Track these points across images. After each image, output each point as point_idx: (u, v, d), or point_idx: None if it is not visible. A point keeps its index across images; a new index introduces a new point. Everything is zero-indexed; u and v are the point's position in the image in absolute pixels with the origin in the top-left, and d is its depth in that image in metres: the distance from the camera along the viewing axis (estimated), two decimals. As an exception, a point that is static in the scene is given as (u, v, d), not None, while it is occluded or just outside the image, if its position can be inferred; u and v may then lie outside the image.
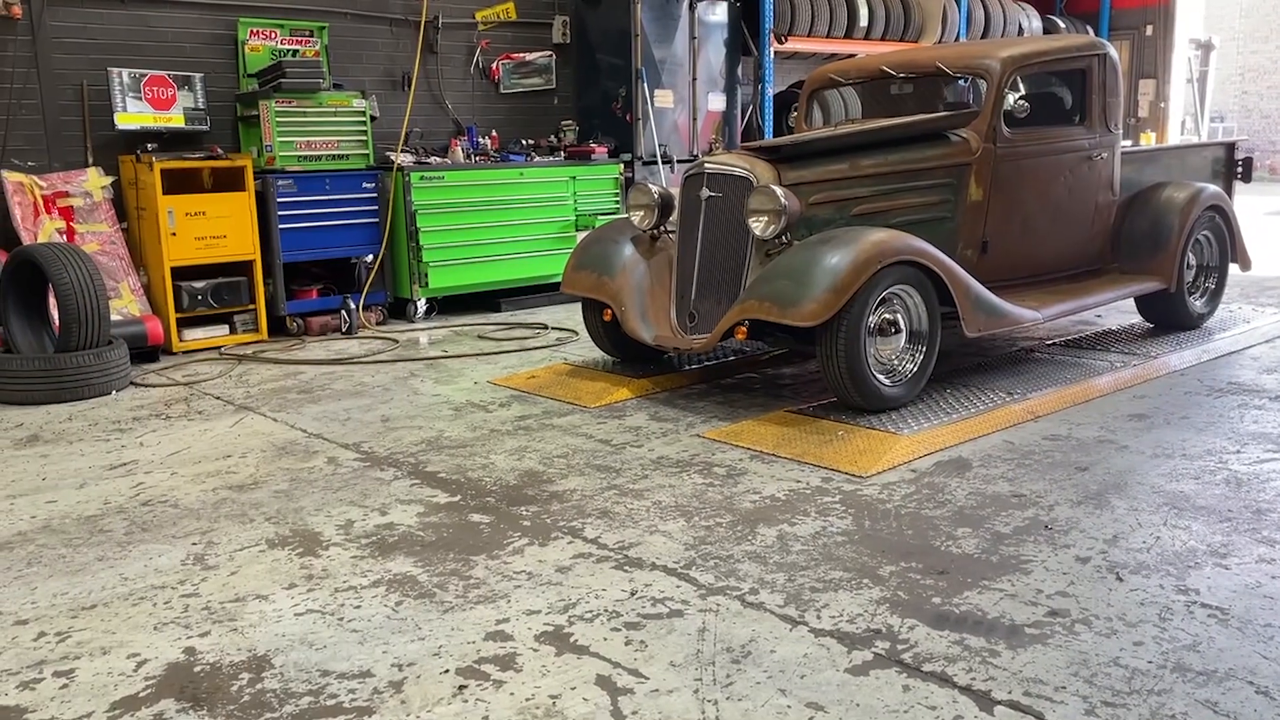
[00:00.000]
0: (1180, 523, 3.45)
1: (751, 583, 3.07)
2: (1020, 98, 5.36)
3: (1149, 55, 13.19)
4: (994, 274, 5.46)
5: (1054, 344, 6.20)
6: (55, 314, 5.72)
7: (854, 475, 3.99)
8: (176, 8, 7.22)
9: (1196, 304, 6.43)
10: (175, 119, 6.95)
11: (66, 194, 6.70)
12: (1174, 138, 13.18)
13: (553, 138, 8.95)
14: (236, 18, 7.40)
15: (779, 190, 4.61)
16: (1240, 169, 7.00)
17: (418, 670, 2.63)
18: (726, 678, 2.54)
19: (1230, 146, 7.11)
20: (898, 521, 3.53)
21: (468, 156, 8.12)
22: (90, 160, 6.92)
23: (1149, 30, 13.14)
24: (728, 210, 4.91)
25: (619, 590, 3.05)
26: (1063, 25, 12.50)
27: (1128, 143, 12.36)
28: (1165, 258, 6.03)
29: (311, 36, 7.68)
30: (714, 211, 4.98)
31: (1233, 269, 6.67)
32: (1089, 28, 12.86)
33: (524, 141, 8.76)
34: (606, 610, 2.93)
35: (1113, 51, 5.92)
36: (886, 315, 4.66)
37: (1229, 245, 6.54)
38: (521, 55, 9.00)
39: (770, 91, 9.74)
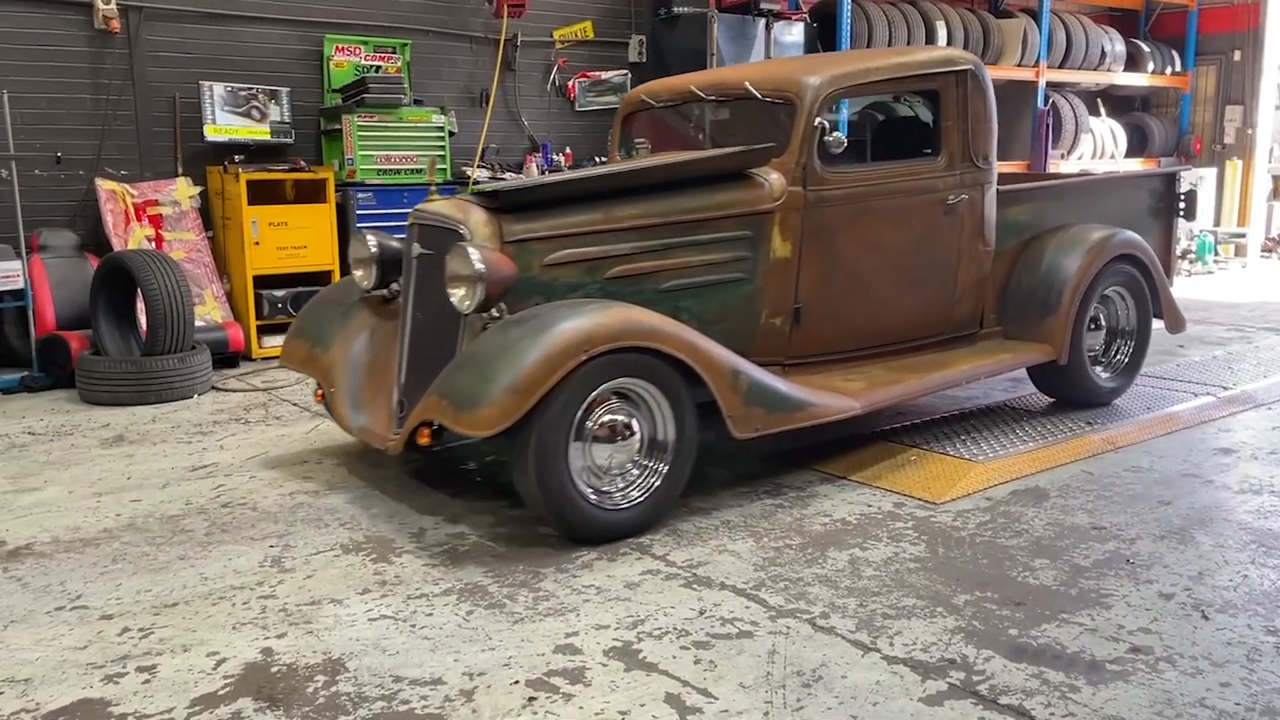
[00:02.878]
0: (1269, 561, 3.33)
1: (822, 606, 3.04)
2: (835, 131, 4.29)
3: (1236, 81, 12.86)
4: (813, 347, 4.44)
5: (1134, 374, 6.06)
6: (142, 318, 5.89)
7: (927, 501, 3.93)
8: (266, 24, 7.43)
9: (1101, 376, 5.24)
10: (262, 131, 7.14)
11: (156, 202, 6.91)
12: (1261, 165, 12.83)
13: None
14: (323, 34, 7.59)
15: (475, 253, 3.61)
16: (1183, 204, 5.86)
17: (488, 680, 2.64)
18: (797, 701, 2.52)
19: (1170, 178, 5.90)
20: (972, 550, 3.46)
21: (542, 173, 8.20)
22: (179, 170, 7.13)
23: (1237, 55, 12.82)
24: (441, 272, 3.83)
25: (688, 609, 3.04)
26: (1147, 49, 12.26)
27: (1193, 170, 12.07)
28: (1054, 321, 4.89)
29: (394, 53, 7.84)
30: (426, 273, 4.04)
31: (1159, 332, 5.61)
32: (1175, 53, 12.59)
33: (597, 159, 8.82)
34: (675, 628, 2.92)
35: (980, 69, 4.73)
36: (619, 416, 3.62)
37: (1151, 303, 5.37)
38: (597, 74, 9.08)
39: (846, 113, 9.69)
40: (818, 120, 4.26)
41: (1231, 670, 2.64)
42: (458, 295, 3.69)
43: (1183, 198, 5.87)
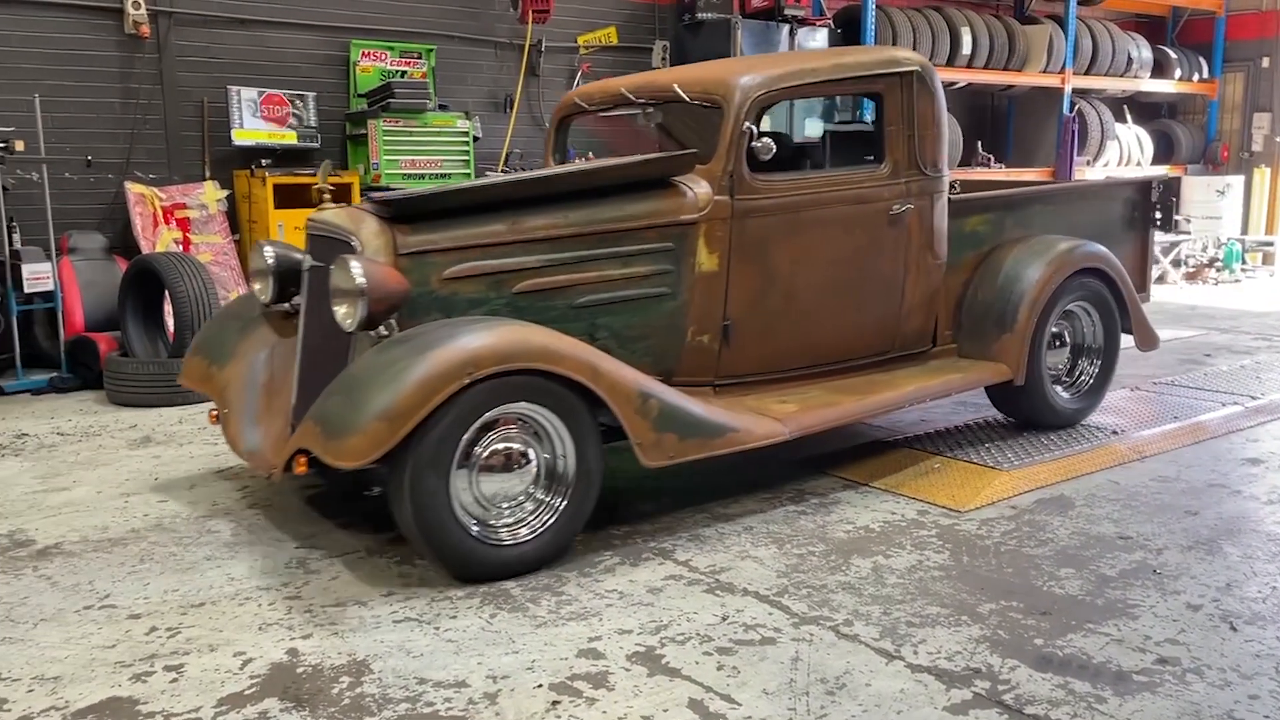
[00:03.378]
0: (1299, 573, 3.31)
1: (846, 614, 3.04)
2: (764, 134, 4.05)
3: (1265, 88, 12.77)
4: (745, 367, 4.20)
5: (1159, 382, 6.01)
6: (170, 321, 5.95)
7: (951, 509, 3.91)
8: (293, 29, 7.49)
9: (1062, 397, 4.94)
10: (288, 136, 7.20)
11: (184, 206, 6.98)
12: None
13: (649, 161, 9.01)
14: (349, 39, 7.65)
15: (357, 266, 3.33)
16: (1158, 214, 5.56)
17: (512, 683, 2.65)
18: (821, 709, 2.51)
19: (1145, 186, 5.58)
20: (997, 559, 3.45)
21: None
22: (207, 174, 7.20)
23: (1265, 62, 12.72)
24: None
25: (710, 614, 3.04)
26: (1174, 56, 12.18)
27: (1242, 180, 11.95)
28: (1011, 339, 4.59)
29: (420, 58, 7.90)
30: (318, 287, 3.75)
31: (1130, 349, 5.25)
32: (1202, 59, 12.50)
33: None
34: (698, 634, 2.92)
35: (927, 71, 4.45)
36: (513, 445, 3.36)
37: (1119, 319, 5.04)
38: (621, 79, 9.10)
39: (870, 118, 9.67)
40: (746, 125, 4.00)
41: (1260, 683, 2.62)
42: (340, 311, 3.43)
43: (1158, 207, 5.57)
